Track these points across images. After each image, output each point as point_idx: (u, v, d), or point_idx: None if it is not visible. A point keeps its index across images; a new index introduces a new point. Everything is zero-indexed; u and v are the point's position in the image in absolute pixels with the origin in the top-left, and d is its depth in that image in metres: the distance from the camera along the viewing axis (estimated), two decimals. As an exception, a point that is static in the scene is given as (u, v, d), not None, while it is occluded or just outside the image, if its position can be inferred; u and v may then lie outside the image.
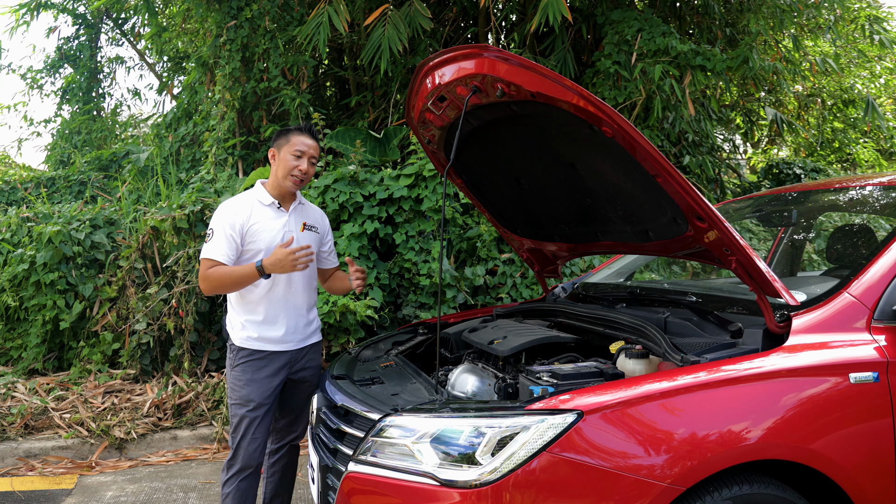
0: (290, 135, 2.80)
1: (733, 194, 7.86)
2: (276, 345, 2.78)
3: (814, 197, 3.40)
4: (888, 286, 2.13)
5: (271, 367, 2.77)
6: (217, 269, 2.68)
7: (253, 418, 2.72)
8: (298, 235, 2.81)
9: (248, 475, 2.75)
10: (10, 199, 8.14)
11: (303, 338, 2.86)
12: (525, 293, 5.04)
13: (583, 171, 2.48)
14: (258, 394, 2.73)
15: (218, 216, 2.75)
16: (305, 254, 2.60)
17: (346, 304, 4.55)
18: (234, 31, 6.57)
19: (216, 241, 2.71)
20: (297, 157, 2.75)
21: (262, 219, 2.76)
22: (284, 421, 2.95)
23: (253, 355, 2.76)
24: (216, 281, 2.67)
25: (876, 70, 10.51)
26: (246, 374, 2.75)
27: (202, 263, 2.72)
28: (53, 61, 10.54)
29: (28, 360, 5.18)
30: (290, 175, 2.76)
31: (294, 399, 2.92)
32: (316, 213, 3.00)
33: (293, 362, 2.84)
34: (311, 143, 2.79)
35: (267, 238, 2.74)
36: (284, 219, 2.81)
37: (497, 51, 2.17)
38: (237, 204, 2.78)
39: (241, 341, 2.77)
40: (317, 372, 2.94)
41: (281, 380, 2.80)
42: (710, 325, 2.34)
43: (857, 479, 1.93)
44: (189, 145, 7.78)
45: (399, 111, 6.93)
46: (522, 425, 1.83)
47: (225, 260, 2.69)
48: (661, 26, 6.08)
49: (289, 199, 2.86)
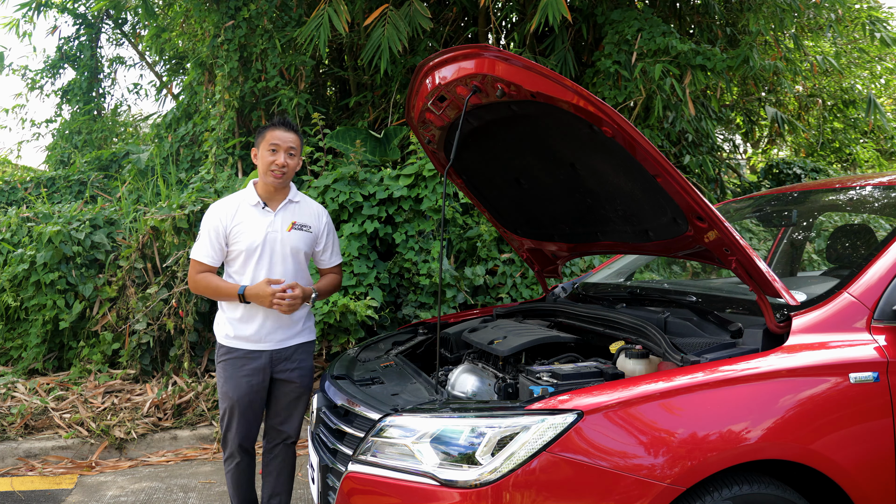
0: (266, 131, 2.81)
1: (733, 194, 7.86)
2: (251, 343, 2.80)
3: (814, 197, 3.40)
4: (888, 286, 2.12)
5: (248, 366, 2.80)
6: (205, 276, 2.77)
7: (234, 412, 2.81)
8: (284, 236, 2.82)
9: (241, 461, 2.87)
10: (10, 199, 8.14)
11: (285, 338, 2.85)
12: (525, 293, 5.04)
13: (583, 171, 2.47)
14: (236, 391, 2.79)
15: (206, 217, 2.83)
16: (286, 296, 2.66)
17: (346, 305, 4.55)
18: (231, 31, 6.57)
19: (201, 243, 2.80)
20: (272, 151, 2.76)
21: (245, 219, 2.79)
22: (274, 420, 2.94)
23: (230, 353, 2.81)
24: (202, 288, 2.80)
25: (876, 70, 10.50)
26: (226, 371, 2.82)
27: (191, 264, 2.82)
28: (54, 61, 10.53)
29: (28, 360, 5.18)
30: (269, 171, 2.77)
31: (281, 399, 2.90)
32: (311, 212, 2.96)
33: (275, 362, 2.84)
34: (286, 136, 2.78)
35: (248, 239, 2.77)
36: (269, 219, 2.81)
37: (497, 51, 2.17)
38: (223, 205, 2.83)
39: (222, 338, 2.85)
40: (305, 373, 2.92)
41: (261, 378, 2.82)
42: (710, 325, 2.34)
43: (857, 479, 1.93)
44: (189, 145, 7.78)
45: (399, 111, 6.93)
46: (522, 425, 1.83)
47: (209, 261, 2.78)
48: (661, 26, 6.07)
49: (277, 198, 2.85)
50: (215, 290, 2.77)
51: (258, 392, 2.82)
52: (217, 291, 2.77)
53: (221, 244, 2.78)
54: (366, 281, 4.90)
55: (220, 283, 2.76)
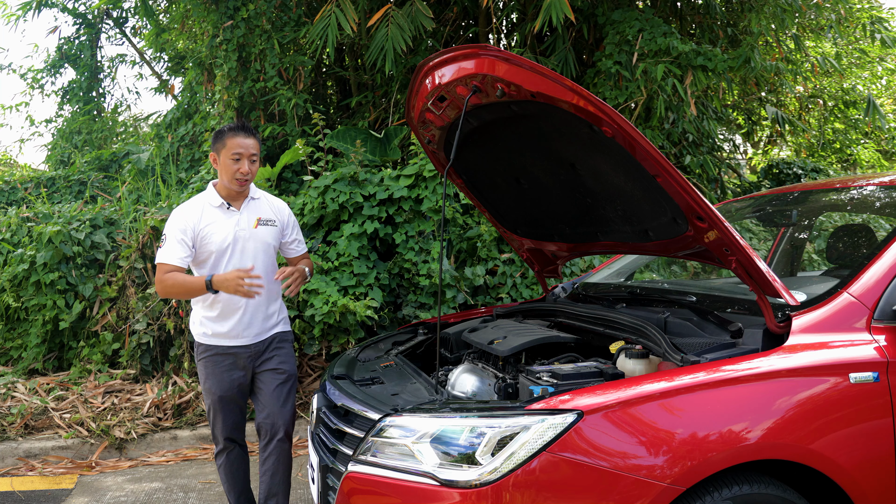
0: (225, 137, 2.81)
1: (733, 194, 7.86)
2: (230, 340, 2.84)
3: (814, 197, 3.40)
4: (888, 286, 2.12)
5: (228, 362, 2.85)
6: (172, 275, 2.76)
7: (218, 408, 2.89)
8: (252, 232, 2.86)
9: (231, 451, 2.95)
10: (10, 199, 8.14)
11: (261, 331, 2.90)
12: (525, 293, 5.04)
13: (583, 171, 2.47)
14: (218, 387, 2.86)
15: (170, 222, 2.83)
16: (254, 284, 2.65)
17: (345, 305, 4.55)
18: (230, 31, 6.57)
19: (168, 245, 2.78)
20: (235, 160, 2.79)
21: (212, 220, 2.82)
22: (262, 415, 2.93)
23: (209, 350, 2.86)
24: (169, 287, 2.77)
25: (877, 71, 10.50)
26: (207, 368, 2.87)
27: (157, 268, 2.79)
28: (54, 61, 10.53)
29: (28, 360, 5.18)
30: (235, 179, 2.80)
31: (265, 390, 2.92)
32: (271, 206, 3.00)
33: (256, 355, 2.89)
34: (247, 143, 2.80)
35: (218, 239, 2.80)
36: (236, 217, 2.85)
37: (497, 51, 2.17)
38: (188, 208, 2.85)
39: (199, 337, 2.88)
40: (286, 359, 2.95)
41: (242, 374, 2.88)
42: (710, 325, 2.34)
43: (857, 479, 1.93)
44: (189, 145, 7.78)
45: (400, 111, 6.92)
46: (522, 425, 1.83)
47: (178, 262, 2.76)
48: (663, 26, 6.07)
49: (239, 198, 2.90)
50: (183, 286, 2.75)
51: (240, 386, 2.89)
52: (185, 286, 2.76)
53: (190, 245, 2.79)
54: (366, 281, 4.90)
55: (186, 278, 2.76)
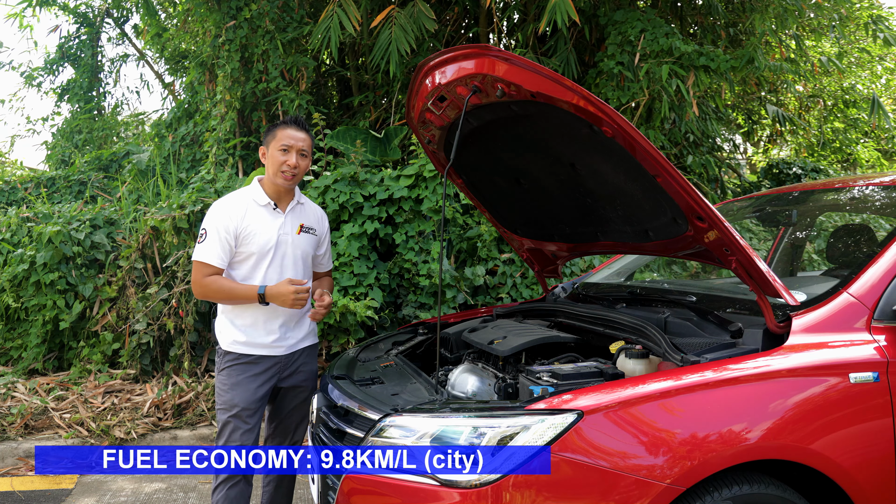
0: (276, 130, 2.68)
1: (733, 194, 7.85)
2: (264, 349, 2.67)
3: (814, 197, 3.40)
4: (888, 286, 2.12)
5: (258, 371, 2.66)
6: (215, 280, 2.59)
7: (237, 425, 2.60)
8: (294, 238, 2.72)
9: (236, 483, 2.61)
10: (10, 199, 8.14)
11: (294, 342, 2.75)
12: (525, 293, 5.04)
13: (583, 172, 2.47)
14: (242, 398, 2.61)
15: (212, 216, 2.65)
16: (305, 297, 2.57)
17: (346, 305, 4.55)
18: (232, 31, 6.57)
19: (209, 243, 2.60)
20: (283, 151, 2.63)
21: (256, 220, 2.65)
22: (278, 430, 2.84)
23: (240, 359, 2.65)
24: (212, 293, 2.61)
25: (877, 70, 10.50)
26: (231, 377, 2.64)
27: (196, 266, 2.62)
28: (53, 59, 10.52)
29: (28, 360, 5.18)
30: (280, 172, 2.64)
31: (286, 406, 2.81)
32: (315, 214, 2.88)
33: (283, 367, 2.73)
34: (298, 136, 2.66)
35: (261, 241, 2.64)
36: (280, 220, 2.70)
37: (497, 51, 2.17)
38: (232, 204, 2.67)
39: (229, 345, 2.67)
40: (311, 377, 2.82)
41: (269, 386, 2.69)
42: (710, 325, 2.34)
43: (856, 479, 1.93)
44: (189, 145, 7.78)
45: (401, 111, 6.93)
46: (522, 425, 1.83)
47: (218, 263, 2.60)
48: (664, 27, 6.07)
49: (286, 199, 2.74)
50: (229, 294, 2.59)
51: (263, 399, 2.68)
52: (232, 294, 2.59)
53: (231, 245, 2.61)
54: (366, 281, 4.90)
55: (234, 286, 2.59)
